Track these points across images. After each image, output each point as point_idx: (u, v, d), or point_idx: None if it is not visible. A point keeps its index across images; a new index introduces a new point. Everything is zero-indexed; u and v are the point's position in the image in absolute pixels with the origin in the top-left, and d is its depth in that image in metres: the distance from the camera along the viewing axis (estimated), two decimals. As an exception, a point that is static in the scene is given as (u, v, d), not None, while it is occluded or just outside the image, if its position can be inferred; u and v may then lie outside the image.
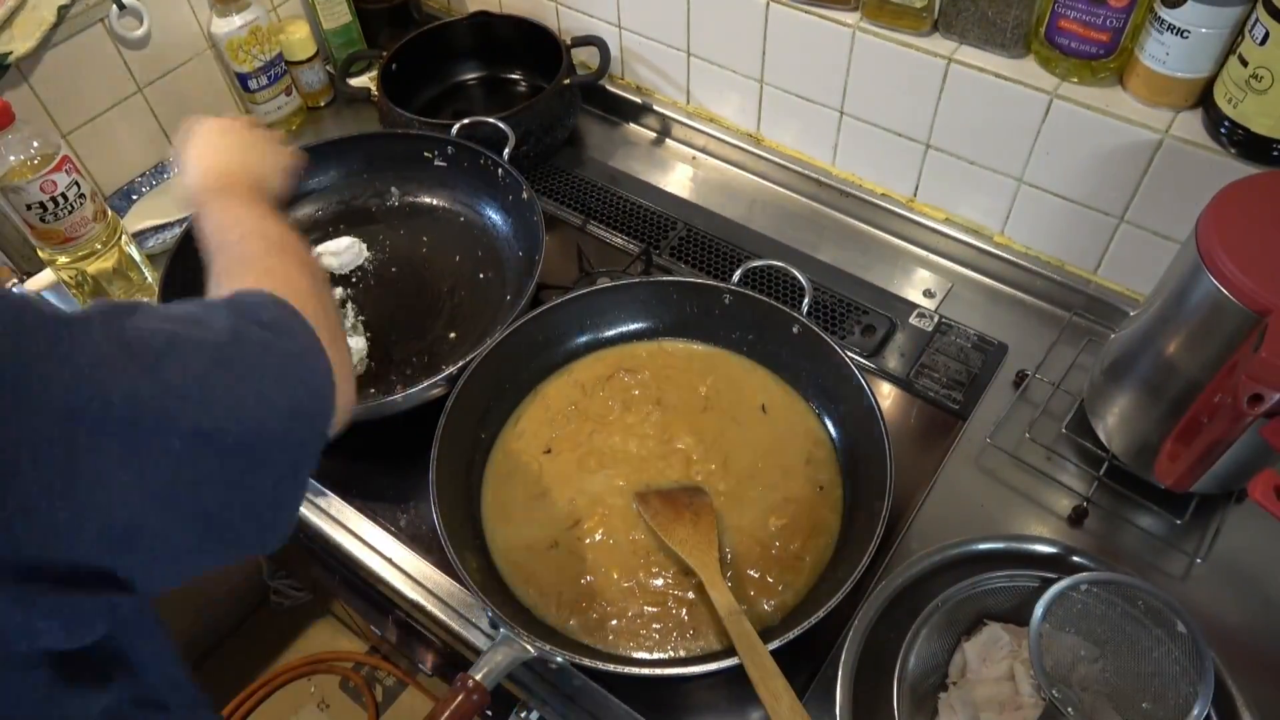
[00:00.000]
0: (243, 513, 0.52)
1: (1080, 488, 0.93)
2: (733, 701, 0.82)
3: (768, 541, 0.87)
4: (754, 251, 1.16)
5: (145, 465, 0.45)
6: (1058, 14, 0.91)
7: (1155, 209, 0.96)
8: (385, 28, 1.44)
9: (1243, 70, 0.82)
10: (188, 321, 0.51)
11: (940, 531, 0.90)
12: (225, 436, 0.49)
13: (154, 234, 1.20)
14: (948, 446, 0.97)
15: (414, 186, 1.21)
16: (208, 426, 0.48)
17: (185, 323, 0.51)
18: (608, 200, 1.25)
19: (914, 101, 1.06)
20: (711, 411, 0.97)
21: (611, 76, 1.36)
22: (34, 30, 1.06)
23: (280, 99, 1.34)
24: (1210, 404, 0.74)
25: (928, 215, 1.15)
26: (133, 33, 1.18)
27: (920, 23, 1.00)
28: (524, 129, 1.19)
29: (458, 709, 0.72)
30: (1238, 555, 0.88)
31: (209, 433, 0.48)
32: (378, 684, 1.90)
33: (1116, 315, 1.04)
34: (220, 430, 0.48)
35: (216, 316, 0.53)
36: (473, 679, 0.73)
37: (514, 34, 1.35)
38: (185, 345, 0.49)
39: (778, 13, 1.09)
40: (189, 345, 0.49)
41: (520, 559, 0.88)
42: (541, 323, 0.99)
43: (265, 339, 0.54)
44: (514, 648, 0.76)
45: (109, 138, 1.22)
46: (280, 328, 0.56)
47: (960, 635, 0.80)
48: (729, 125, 1.29)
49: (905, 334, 1.07)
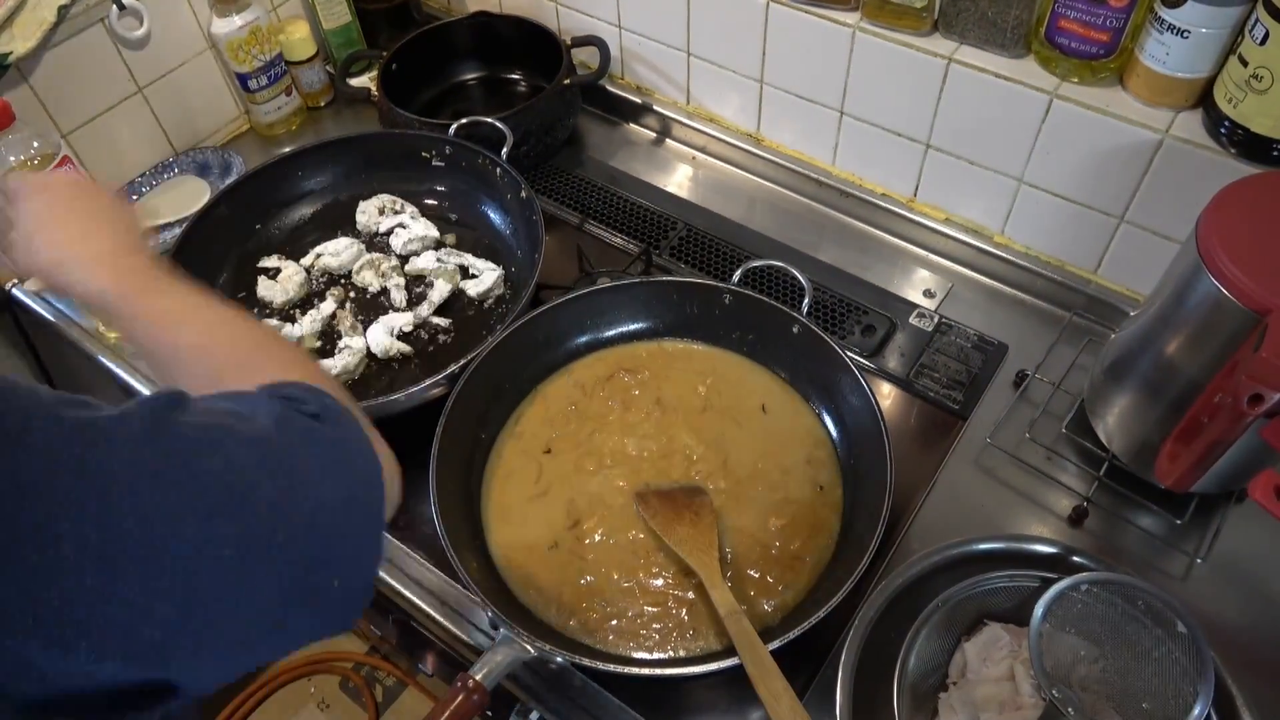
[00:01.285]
0: (309, 610, 0.48)
1: (1080, 488, 0.93)
2: (733, 701, 0.82)
3: (768, 541, 0.87)
4: (754, 251, 1.16)
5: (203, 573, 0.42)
6: (1058, 14, 0.91)
7: (1155, 209, 0.96)
8: (385, 28, 1.44)
9: (1243, 70, 0.82)
10: (232, 415, 0.48)
11: (940, 531, 0.90)
12: (278, 535, 0.45)
13: (153, 234, 1.20)
14: (948, 446, 0.97)
15: (413, 186, 1.21)
16: (257, 532, 0.45)
17: (230, 415, 0.48)
18: (608, 200, 1.25)
19: (914, 101, 1.06)
20: (711, 411, 0.97)
21: (611, 76, 1.36)
22: (34, 30, 1.06)
23: (280, 99, 1.34)
24: (1210, 404, 0.74)
25: (928, 215, 1.15)
26: (133, 33, 1.18)
27: (920, 23, 1.00)
28: (524, 129, 1.19)
29: (458, 709, 0.72)
30: (1238, 555, 0.88)
31: (258, 537, 0.45)
32: (378, 684, 1.90)
33: (1117, 315, 1.04)
34: (270, 534, 0.45)
35: (260, 409, 0.50)
36: (473, 679, 0.73)
37: (514, 34, 1.35)
38: (230, 443, 0.46)
39: (778, 13, 1.09)
40: (233, 442, 0.46)
41: (520, 559, 0.88)
42: (541, 323, 0.99)
43: (313, 429, 0.51)
44: (514, 648, 0.76)
45: (109, 138, 1.22)
46: (327, 418, 0.52)
47: (960, 635, 0.80)
48: (729, 125, 1.29)
49: (905, 334, 1.07)
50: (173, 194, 1.25)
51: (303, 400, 0.53)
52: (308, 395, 0.53)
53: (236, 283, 1.12)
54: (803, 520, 0.88)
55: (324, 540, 0.48)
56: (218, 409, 0.48)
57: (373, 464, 0.53)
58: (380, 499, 0.53)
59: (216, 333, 0.61)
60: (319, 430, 0.51)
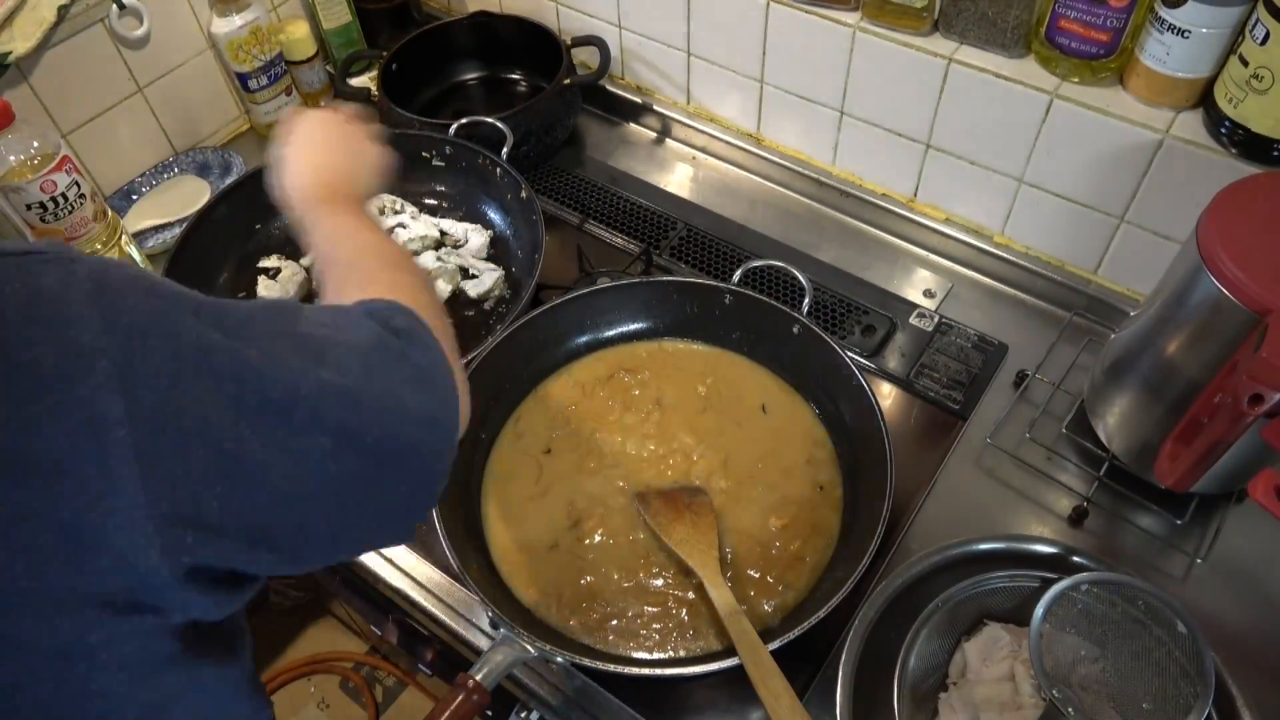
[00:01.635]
0: (377, 515, 0.54)
1: (1080, 488, 0.93)
2: (733, 701, 0.82)
3: (768, 541, 0.87)
4: (754, 251, 1.16)
5: (294, 457, 0.47)
6: (1058, 14, 0.91)
7: (1156, 209, 0.96)
8: (385, 28, 1.44)
9: (1243, 70, 0.82)
10: (336, 326, 0.54)
11: (940, 531, 0.90)
12: (366, 437, 0.50)
13: (154, 234, 1.20)
14: (948, 446, 0.97)
15: (413, 186, 1.21)
16: (353, 427, 0.50)
17: (335, 327, 0.53)
18: (608, 200, 1.25)
19: (914, 101, 1.06)
20: (711, 411, 0.97)
21: (612, 76, 1.36)
22: (34, 30, 1.06)
23: (280, 99, 1.34)
24: (1210, 404, 0.74)
25: (928, 215, 1.15)
26: (133, 32, 1.18)
27: (920, 23, 1.00)
28: (524, 129, 1.19)
29: (457, 709, 0.72)
30: (1238, 555, 0.88)
31: (354, 433, 0.50)
32: (378, 684, 1.90)
33: (1117, 315, 1.04)
34: (364, 432, 0.50)
35: (359, 323, 0.55)
36: (473, 679, 0.73)
37: (514, 34, 1.35)
38: (339, 348, 0.52)
39: (778, 12, 1.09)
40: (342, 348, 0.52)
41: (520, 559, 0.88)
42: (541, 323, 0.99)
43: (402, 348, 0.56)
44: (514, 648, 0.76)
45: (109, 137, 1.22)
46: (413, 338, 0.57)
47: (961, 635, 0.80)
48: (729, 125, 1.29)
49: (905, 334, 1.07)
50: (173, 194, 1.25)
51: (395, 323, 0.57)
52: (401, 318, 0.58)
53: (236, 283, 1.12)
54: (803, 520, 0.88)
55: (404, 448, 0.53)
56: (325, 318, 0.54)
57: (450, 387, 0.57)
58: (455, 420, 0.57)
59: (364, 254, 0.69)
60: (405, 350, 0.56)
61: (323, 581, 1.40)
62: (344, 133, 0.82)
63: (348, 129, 0.82)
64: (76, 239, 1.01)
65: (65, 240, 1.01)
